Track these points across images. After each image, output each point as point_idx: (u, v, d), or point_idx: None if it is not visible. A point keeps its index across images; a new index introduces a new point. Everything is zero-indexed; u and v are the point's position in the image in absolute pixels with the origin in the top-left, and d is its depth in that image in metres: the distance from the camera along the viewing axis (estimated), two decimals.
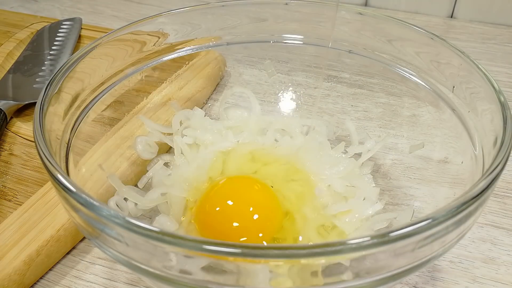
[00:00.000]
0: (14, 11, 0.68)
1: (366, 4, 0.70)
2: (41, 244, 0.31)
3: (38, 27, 0.58)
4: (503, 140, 0.24)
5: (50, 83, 0.28)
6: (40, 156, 0.23)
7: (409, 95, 0.36)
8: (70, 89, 0.30)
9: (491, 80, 0.27)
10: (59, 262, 0.33)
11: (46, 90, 0.27)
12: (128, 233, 0.19)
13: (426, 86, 0.34)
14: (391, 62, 0.36)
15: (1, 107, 0.43)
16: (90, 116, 0.32)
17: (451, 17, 0.66)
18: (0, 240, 0.31)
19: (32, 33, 0.57)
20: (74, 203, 0.21)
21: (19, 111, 0.45)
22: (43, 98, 0.27)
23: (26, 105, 0.45)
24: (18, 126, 0.44)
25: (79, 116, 0.31)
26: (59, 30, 0.57)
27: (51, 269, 0.33)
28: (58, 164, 0.23)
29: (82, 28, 0.59)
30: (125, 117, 0.37)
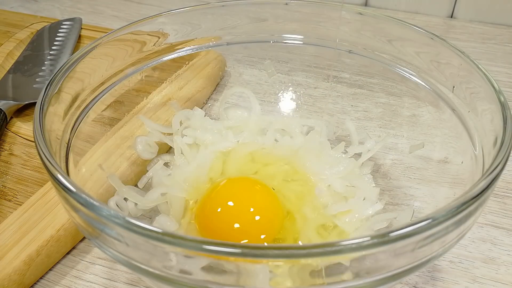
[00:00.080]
0: (14, 11, 0.68)
1: (366, 4, 0.70)
2: (41, 244, 0.31)
3: (38, 27, 0.58)
4: (503, 140, 0.24)
5: (50, 83, 0.28)
6: (40, 156, 0.23)
7: (409, 95, 0.36)
8: (70, 89, 0.30)
9: (491, 80, 0.27)
10: (59, 262, 0.33)
11: (46, 90, 0.27)
12: (128, 233, 0.19)
13: (426, 86, 0.34)
14: (391, 62, 0.36)
15: (1, 107, 0.43)
16: (90, 116, 0.32)
17: (451, 17, 0.66)
18: (0, 240, 0.31)
19: (32, 33, 0.57)
20: (74, 203, 0.21)
21: (19, 111, 0.45)
22: (43, 98, 0.27)
23: (26, 105, 0.45)
24: (18, 126, 0.44)
25: (79, 116, 0.31)
26: (59, 30, 0.57)
27: (51, 269, 0.33)
28: (58, 164, 0.23)
29: (82, 28, 0.59)
30: (125, 117, 0.37)
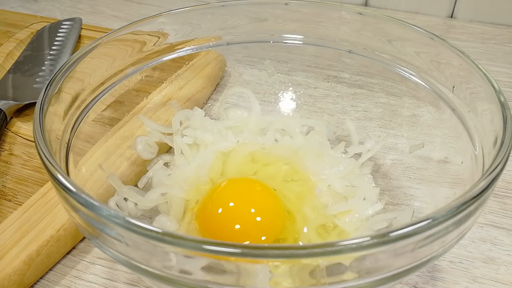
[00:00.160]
0: (14, 11, 0.68)
1: (366, 4, 0.70)
2: (41, 244, 0.31)
3: (38, 27, 0.58)
4: (503, 140, 0.24)
5: (50, 83, 0.28)
6: (40, 156, 0.23)
7: (409, 95, 0.36)
8: (70, 89, 0.30)
9: (491, 80, 0.27)
10: (59, 262, 0.33)
11: (46, 90, 0.27)
12: (128, 233, 0.19)
13: (426, 86, 0.34)
14: (391, 62, 0.36)
15: (1, 107, 0.43)
16: (90, 116, 0.32)
17: (451, 17, 0.66)
18: (0, 240, 0.31)
19: (32, 33, 0.57)
20: (74, 203, 0.21)
21: (19, 111, 0.45)
22: (43, 98, 0.27)
23: (26, 105, 0.45)
24: (18, 126, 0.44)
25: (79, 116, 0.31)
26: (59, 30, 0.57)
27: (51, 269, 0.33)
28: (58, 164, 0.23)
29: (82, 28, 0.59)
30: (125, 117, 0.37)
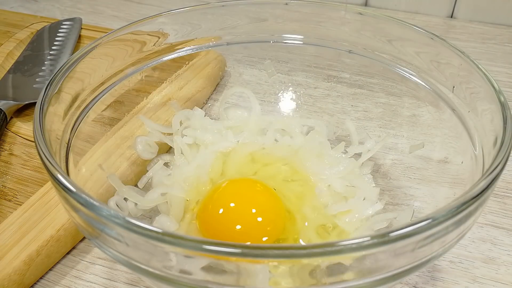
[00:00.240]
0: (14, 11, 0.68)
1: (366, 4, 0.70)
2: (41, 244, 0.31)
3: (38, 27, 0.58)
4: (503, 140, 0.24)
5: (50, 83, 0.28)
6: (40, 156, 0.23)
7: (409, 95, 0.36)
8: (70, 89, 0.30)
9: (491, 80, 0.27)
10: (59, 262, 0.33)
11: (46, 90, 0.27)
12: (128, 233, 0.19)
13: (426, 86, 0.34)
14: (391, 62, 0.36)
15: (1, 107, 0.43)
16: (90, 116, 0.32)
17: (451, 17, 0.66)
18: (0, 240, 0.31)
19: (32, 33, 0.57)
20: (74, 203, 0.21)
21: (19, 111, 0.45)
22: (43, 98, 0.27)
23: (26, 105, 0.45)
24: (18, 126, 0.44)
25: (79, 116, 0.31)
26: (59, 30, 0.57)
27: (51, 269, 0.33)
28: (58, 164, 0.23)
29: (82, 28, 0.59)
30: (125, 117, 0.37)
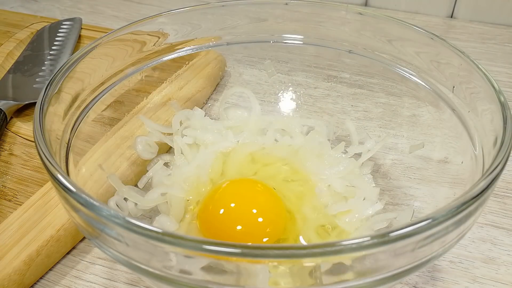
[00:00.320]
0: (14, 11, 0.68)
1: (366, 4, 0.70)
2: (41, 244, 0.31)
3: (38, 27, 0.58)
4: (503, 140, 0.24)
5: (50, 83, 0.28)
6: (40, 156, 0.23)
7: (409, 95, 0.36)
8: (70, 89, 0.30)
9: (491, 80, 0.27)
10: (59, 262, 0.33)
11: (46, 90, 0.27)
12: (128, 233, 0.19)
13: (426, 86, 0.34)
14: (391, 62, 0.36)
15: (1, 107, 0.43)
16: (90, 116, 0.32)
17: (451, 17, 0.66)
18: (0, 240, 0.31)
19: (32, 33, 0.57)
20: (74, 203, 0.21)
21: (19, 111, 0.45)
22: (43, 98, 0.27)
23: (26, 105, 0.45)
24: (18, 126, 0.44)
25: (79, 116, 0.31)
26: (59, 30, 0.57)
27: (51, 269, 0.33)
28: (58, 164, 0.23)
29: (82, 28, 0.59)
30: (125, 117, 0.37)
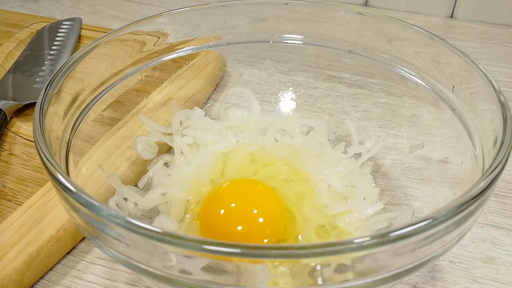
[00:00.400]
0: (14, 11, 0.68)
1: (366, 4, 0.70)
2: (41, 244, 0.31)
3: (38, 27, 0.58)
4: (503, 140, 0.24)
5: (50, 83, 0.28)
6: (40, 156, 0.23)
7: (409, 95, 0.36)
8: (70, 89, 0.30)
9: (491, 80, 0.27)
10: (59, 262, 0.33)
11: (46, 90, 0.27)
12: (128, 233, 0.19)
13: (426, 86, 0.34)
14: (391, 62, 0.36)
15: (1, 107, 0.43)
16: (90, 116, 0.32)
17: (451, 17, 0.66)
18: (0, 240, 0.31)
19: (32, 33, 0.57)
20: (74, 203, 0.21)
21: (19, 111, 0.45)
22: (43, 98, 0.27)
23: (26, 105, 0.45)
24: (18, 126, 0.44)
25: (79, 116, 0.31)
26: (59, 30, 0.57)
27: (51, 269, 0.33)
28: (58, 164, 0.23)
29: (82, 28, 0.59)
30: (125, 117, 0.37)
